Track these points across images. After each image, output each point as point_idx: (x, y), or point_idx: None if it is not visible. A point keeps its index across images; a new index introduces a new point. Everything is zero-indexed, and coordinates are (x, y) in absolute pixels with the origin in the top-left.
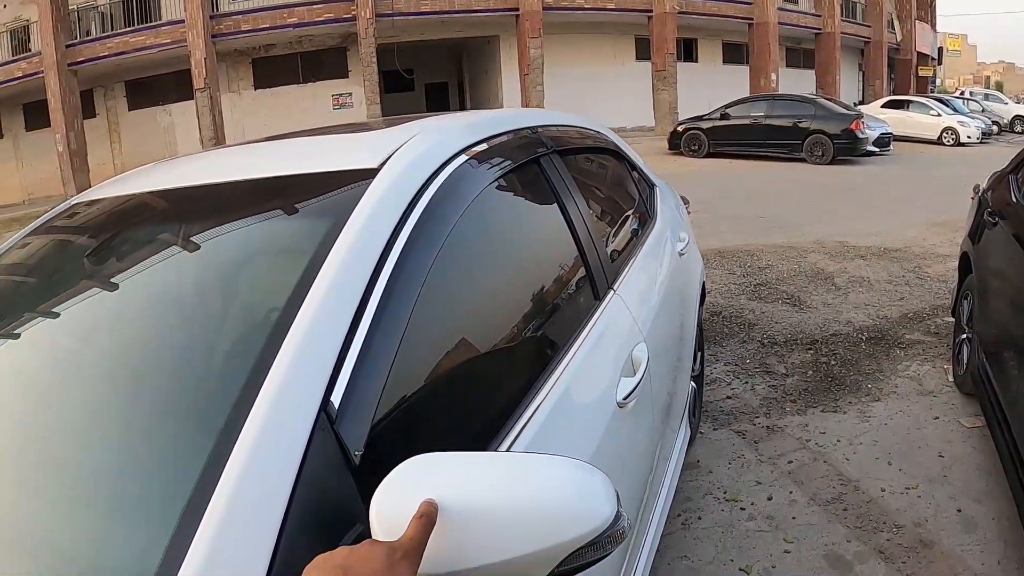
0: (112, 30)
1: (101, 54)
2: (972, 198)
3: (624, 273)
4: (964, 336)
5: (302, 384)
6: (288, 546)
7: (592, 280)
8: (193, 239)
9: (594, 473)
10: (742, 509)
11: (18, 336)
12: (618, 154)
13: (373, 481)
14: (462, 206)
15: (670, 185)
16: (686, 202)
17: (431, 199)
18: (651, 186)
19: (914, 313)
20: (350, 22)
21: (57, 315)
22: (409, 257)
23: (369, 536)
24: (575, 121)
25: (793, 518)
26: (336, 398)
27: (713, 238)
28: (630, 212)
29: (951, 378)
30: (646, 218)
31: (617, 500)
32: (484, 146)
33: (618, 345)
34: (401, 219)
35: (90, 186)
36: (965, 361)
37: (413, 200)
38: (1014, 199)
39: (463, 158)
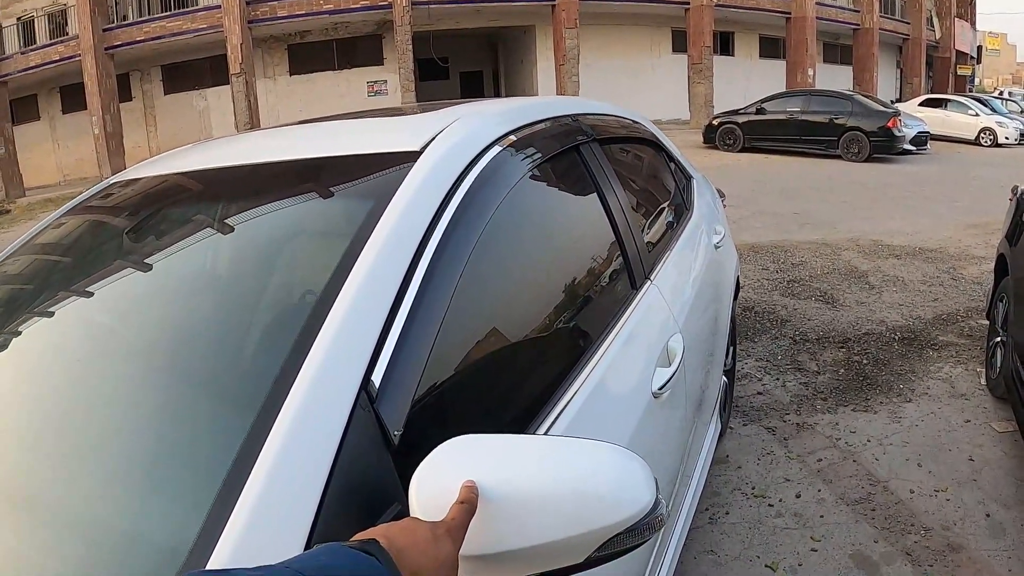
0: (149, 15)
1: (137, 38)
2: (1010, 199)
3: (661, 264)
4: (998, 339)
5: (343, 363)
6: (326, 521)
7: (629, 269)
8: (233, 219)
9: (634, 459)
10: (770, 506)
11: (57, 316)
12: (657, 144)
13: (412, 461)
14: (502, 192)
15: (707, 178)
16: (722, 195)
17: (472, 184)
18: (688, 178)
19: (948, 314)
20: (386, 9)
21: (94, 294)
22: (450, 241)
23: (407, 515)
24: (614, 110)
25: (821, 516)
26: (377, 378)
27: (747, 233)
28: (667, 203)
29: (983, 381)
30: (683, 209)
31: (656, 487)
32: (524, 132)
33: (654, 335)
34: (443, 203)
35: (126, 167)
36: (998, 365)
37: (455, 184)
38: None
39: (504, 144)
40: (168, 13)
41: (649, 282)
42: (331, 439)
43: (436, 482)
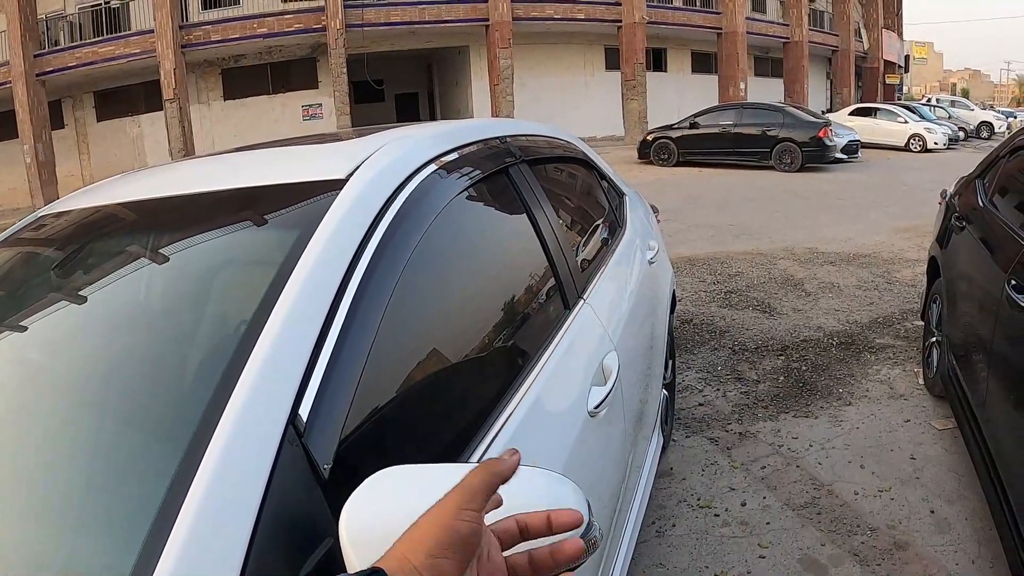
0: (81, 39)
1: (70, 64)
2: (940, 203)
3: (594, 282)
4: (934, 339)
5: (269, 398)
6: (257, 558)
7: (562, 289)
8: (161, 251)
9: (565, 483)
10: (716, 516)
11: None
12: (587, 164)
13: (343, 494)
14: (430, 216)
15: (640, 194)
16: (655, 210)
17: (399, 209)
18: (620, 195)
19: (884, 317)
20: (320, 32)
21: (24, 328)
22: (377, 268)
23: (339, 551)
24: (544, 131)
25: (767, 523)
26: (304, 411)
27: (683, 246)
28: (599, 221)
29: (921, 381)
30: (616, 227)
31: (589, 510)
32: (453, 156)
33: (588, 354)
34: (369, 229)
35: (58, 198)
36: (935, 364)
37: (381, 210)
38: (980, 203)
39: (431, 168)
40: (101, 38)
41: (582, 301)
42: (260, 476)
43: (366, 515)
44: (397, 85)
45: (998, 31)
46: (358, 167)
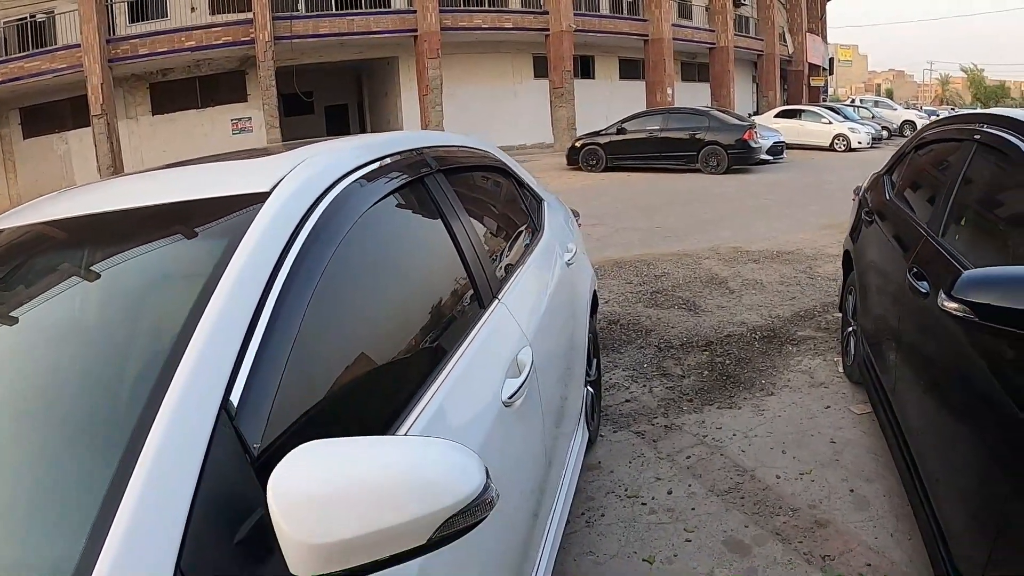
0: (7, 54)
1: None
2: (853, 199)
3: (510, 283)
4: (850, 329)
5: (202, 386)
6: (195, 535)
7: (476, 289)
8: (97, 263)
9: (462, 450)
10: (643, 504)
11: None
12: (505, 171)
13: (272, 469)
14: (349, 223)
15: (564, 200)
16: (576, 215)
17: (319, 217)
18: (539, 201)
19: (805, 311)
20: (248, 45)
21: None
22: (300, 271)
23: (268, 520)
24: (462, 142)
25: (692, 509)
26: (235, 397)
27: (611, 249)
28: (517, 226)
29: (841, 369)
30: (533, 231)
31: (486, 473)
32: (371, 167)
33: (503, 349)
34: (292, 237)
35: None
36: (852, 352)
37: (303, 219)
38: (887, 198)
39: (350, 179)
40: (27, 53)
41: (497, 301)
42: (195, 458)
43: (290, 483)
44: (327, 97)
45: (922, 32)
46: (281, 180)
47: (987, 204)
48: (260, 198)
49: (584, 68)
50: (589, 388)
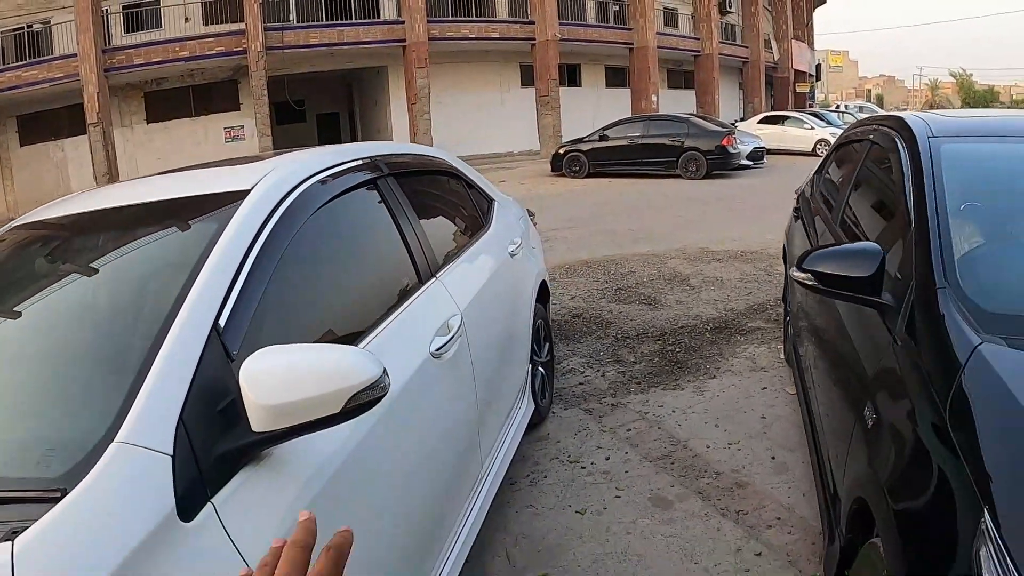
0: (3, 64)
1: None
2: (794, 199)
3: (449, 266)
4: (787, 317)
5: (201, 312)
6: (192, 402)
7: (416, 269)
8: (129, 235)
9: (368, 354)
10: (582, 468)
11: None
12: (456, 175)
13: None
14: (311, 212)
15: (544, 204)
16: (531, 214)
17: (287, 208)
18: (489, 201)
19: (758, 305)
20: (241, 55)
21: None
22: (271, 243)
23: (239, 401)
24: (415, 150)
25: (626, 472)
26: (222, 321)
27: (583, 251)
28: (462, 221)
29: (782, 356)
30: (479, 225)
31: (383, 370)
32: (331, 171)
33: (434, 313)
34: (266, 220)
35: None
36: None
37: (274, 208)
38: (809, 194)
39: (313, 180)
40: (24, 62)
41: (435, 279)
42: (195, 353)
43: (253, 368)
44: (318, 105)
45: (912, 38)
46: (259, 180)
47: (867, 194)
48: (244, 194)
49: (571, 76)
50: (541, 369)
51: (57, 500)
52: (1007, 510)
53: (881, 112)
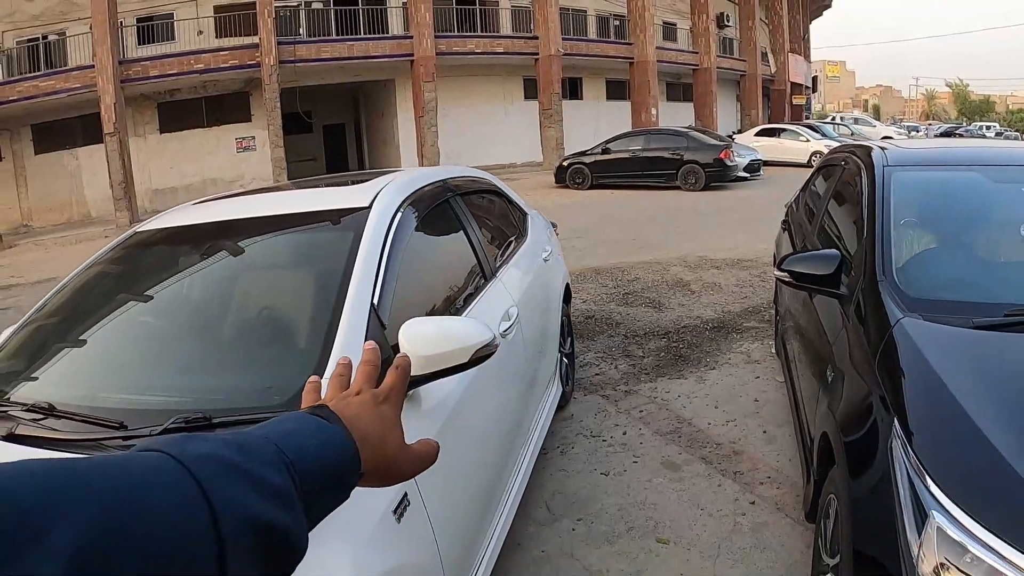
0: (18, 73)
1: (11, 98)
2: (785, 211)
3: (504, 268)
4: (777, 317)
5: (362, 294)
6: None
7: (483, 270)
8: (281, 240)
9: (483, 323)
10: (603, 441)
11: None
12: (499, 193)
13: (393, 331)
14: (413, 223)
15: (550, 215)
16: (554, 226)
17: (399, 220)
18: (524, 214)
19: (753, 307)
20: (254, 68)
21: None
22: (395, 245)
23: (392, 353)
24: (468, 173)
25: (641, 444)
26: (375, 300)
27: (590, 259)
28: (508, 231)
29: (773, 350)
30: (520, 235)
31: (496, 333)
32: (420, 192)
33: (499, 304)
34: (388, 227)
35: None
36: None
37: (392, 219)
38: (796, 208)
39: (411, 199)
40: (41, 72)
41: (496, 278)
42: (364, 321)
43: (408, 331)
44: (325, 116)
45: (909, 48)
46: (375, 198)
47: (838, 209)
48: (365, 208)
49: (573, 89)
50: (564, 359)
51: None
52: (908, 415)
53: (877, 124)
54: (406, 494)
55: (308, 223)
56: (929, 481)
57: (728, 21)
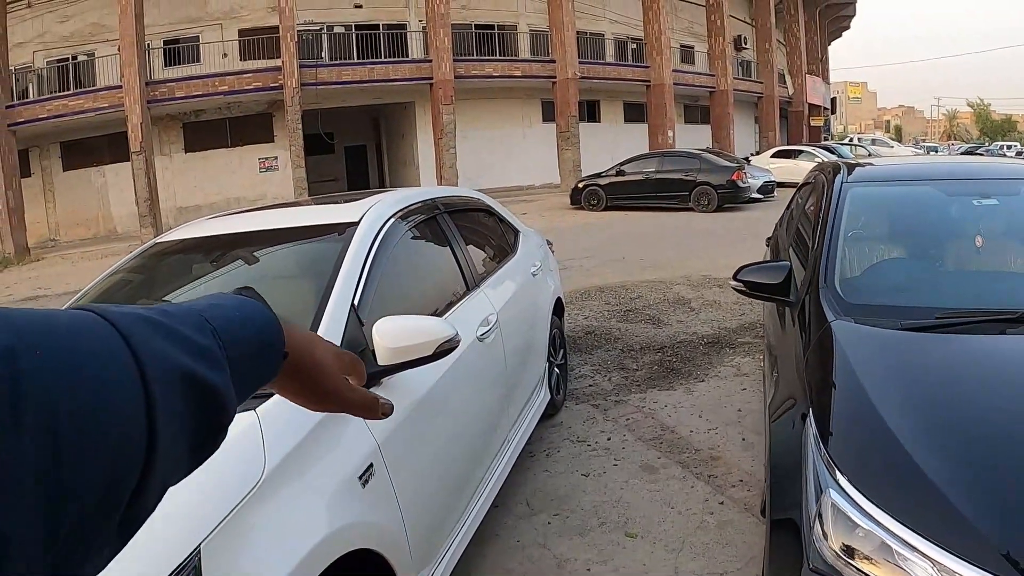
0: (48, 92)
1: (40, 116)
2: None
3: (488, 280)
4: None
5: (344, 295)
6: (347, 335)
7: (466, 281)
8: (280, 249)
9: (447, 322)
10: (588, 445)
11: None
12: (490, 211)
13: (370, 327)
14: (399, 237)
15: (562, 236)
16: (550, 243)
17: (385, 233)
18: (516, 232)
19: (749, 324)
20: (277, 90)
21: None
22: (378, 254)
23: (371, 350)
24: (460, 192)
25: (623, 448)
26: (356, 301)
27: (597, 277)
28: (495, 246)
29: (763, 364)
30: (508, 251)
31: (456, 331)
32: (407, 208)
33: (479, 310)
34: (373, 240)
35: (27, 243)
36: None
37: (377, 233)
38: (779, 226)
39: (398, 215)
40: (71, 92)
41: (479, 288)
42: (342, 319)
43: (379, 329)
44: (347, 138)
45: (931, 69)
46: (364, 214)
47: (806, 222)
48: (355, 223)
49: (590, 112)
50: (556, 369)
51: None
52: (819, 404)
53: (895, 144)
54: (372, 464)
55: (305, 235)
56: (830, 461)
57: (745, 43)
